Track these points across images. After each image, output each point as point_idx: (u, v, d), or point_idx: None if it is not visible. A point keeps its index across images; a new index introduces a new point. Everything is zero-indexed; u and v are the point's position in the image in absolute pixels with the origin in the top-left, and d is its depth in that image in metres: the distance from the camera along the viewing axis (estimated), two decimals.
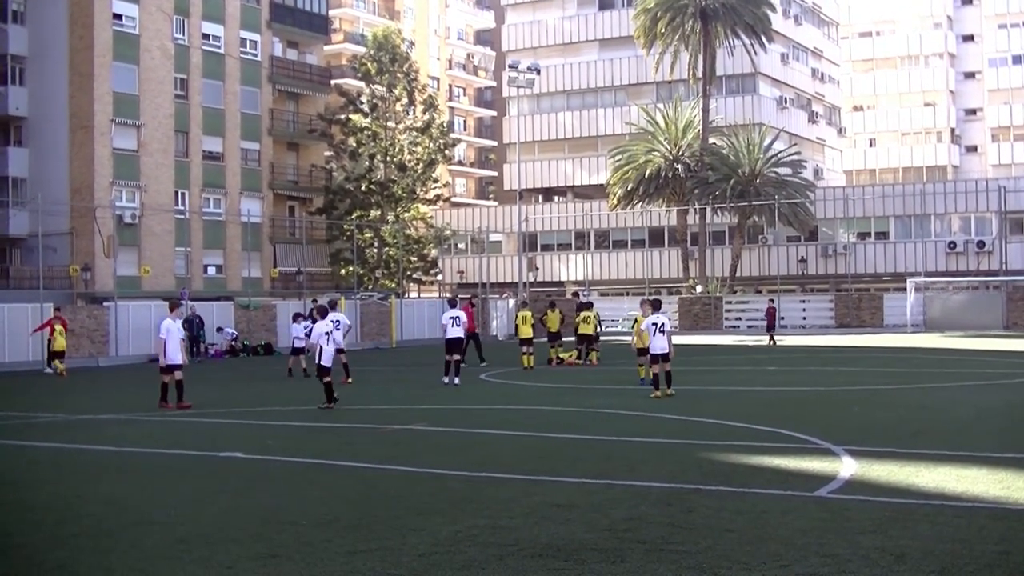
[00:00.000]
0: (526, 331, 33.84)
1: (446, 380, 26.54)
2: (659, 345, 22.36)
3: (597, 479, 12.68)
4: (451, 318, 27.29)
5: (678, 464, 13.97)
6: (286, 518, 10.79)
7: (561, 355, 35.63)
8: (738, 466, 13.78)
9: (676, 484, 12.18)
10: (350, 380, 27.80)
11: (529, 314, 34.61)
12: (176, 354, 22.46)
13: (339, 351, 27.05)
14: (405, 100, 69.99)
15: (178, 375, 22.39)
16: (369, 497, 12.02)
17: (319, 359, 21.95)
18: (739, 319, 63.31)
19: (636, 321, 25.53)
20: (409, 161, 69.32)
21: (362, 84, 71.29)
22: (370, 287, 66.45)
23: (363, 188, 67.91)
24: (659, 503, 11.14)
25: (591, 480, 12.63)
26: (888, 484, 12.04)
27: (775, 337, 46.98)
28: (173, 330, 22.48)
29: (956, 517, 10.29)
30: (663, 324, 22.65)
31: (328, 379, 21.69)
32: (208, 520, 10.92)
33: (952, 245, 68.75)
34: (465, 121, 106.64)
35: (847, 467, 13.23)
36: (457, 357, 26.98)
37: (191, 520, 10.94)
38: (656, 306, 23.48)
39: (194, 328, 43.61)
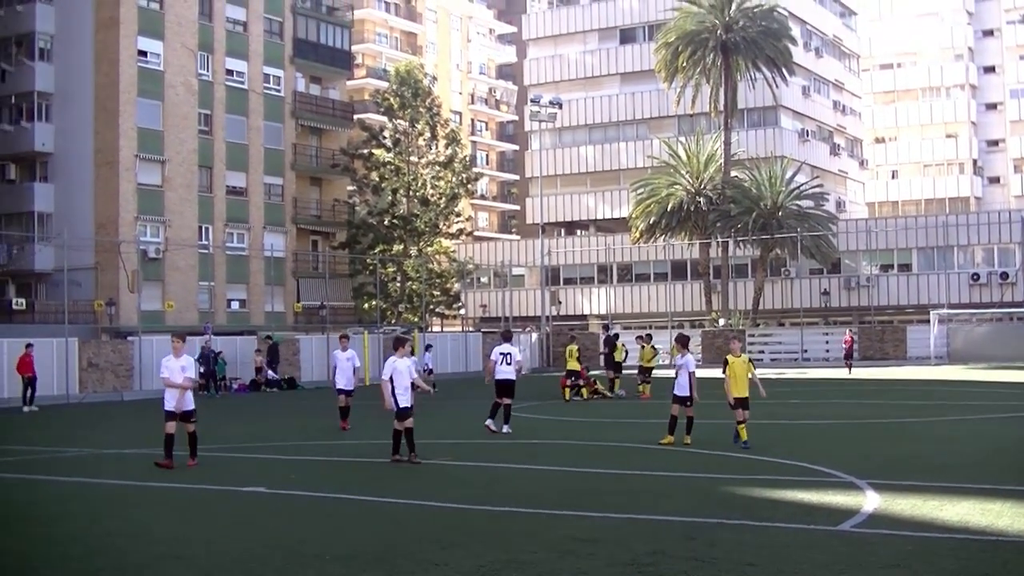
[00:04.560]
0: (572, 364, 34.24)
1: (506, 429, 22.89)
2: (683, 385, 20.46)
3: (619, 513, 12.70)
4: (502, 354, 23.19)
5: (700, 498, 13.98)
6: (310, 552, 10.85)
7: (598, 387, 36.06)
8: (760, 500, 13.77)
9: (698, 518, 12.18)
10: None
11: (575, 348, 35.02)
12: (172, 398, 18.34)
13: (348, 393, 24.98)
14: (427, 134, 70.20)
15: (169, 427, 18.34)
16: (392, 531, 12.07)
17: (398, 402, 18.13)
18: (762, 352, 63.10)
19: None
20: (432, 195, 69.50)
21: (384, 119, 71.52)
22: (393, 321, 66.56)
23: (386, 222, 68.05)
24: (681, 537, 11.15)
25: (613, 514, 12.64)
26: (911, 518, 12.02)
27: (852, 366, 49.40)
28: (174, 368, 18.28)
29: (980, 551, 10.27)
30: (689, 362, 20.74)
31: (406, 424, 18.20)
32: (232, 554, 10.98)
33: (975, 277, 68.44)
34: (487, 155, 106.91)
35: (870, 501, 13.21)
36: (508, 401, 23.09)
37: (216, 554, 10.99)
38: (685, 343, 21.55)
39: (210, 363, 43.68)
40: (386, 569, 10.00)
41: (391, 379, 18.10)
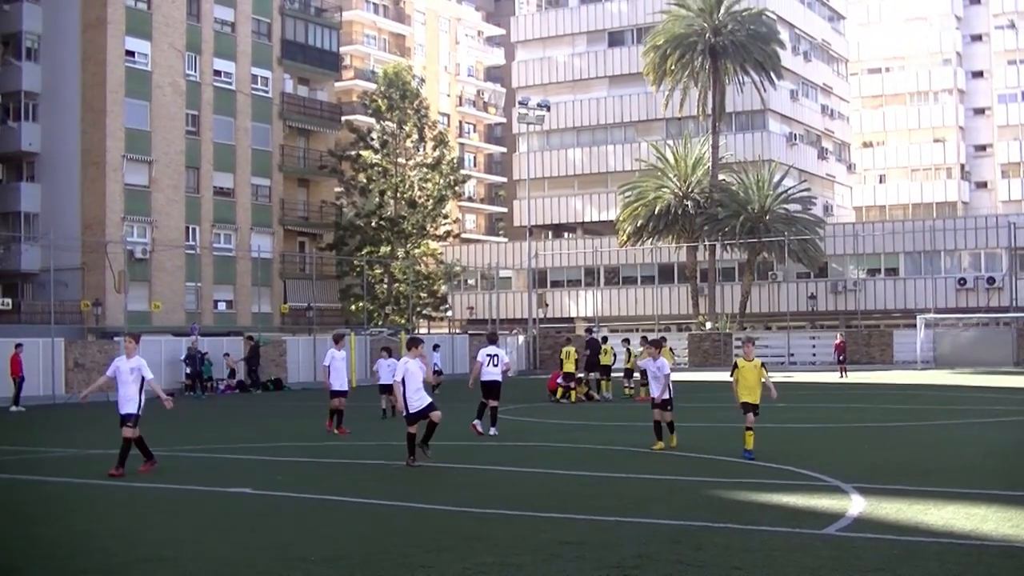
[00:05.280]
0: (569, 366, 34.34)
1: (492, 431, 22.92)
2: (660, 389, 20.04)
3: (606, 516, 12.69)
4: (488, 356, 23.13)
5: (687, 501, 13.98)
6: (295, 554, 10.82)
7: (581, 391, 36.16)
8: (747, 503, 13.78)
9: (685, 521, 12.18)
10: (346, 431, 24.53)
11: (573, 350, 35.05)
12: (126, 401, 17.22)
13: (344, 394, 24.58)
14: (415, 136, 70.17)
15: (126, 431, 17.22)
16: (379, 534, 12.05)
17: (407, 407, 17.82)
18: None
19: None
20: (419, 197, 69.46)
21: (372, 120, 71.49)
22: (380, 323, 66.49)
23: (373, 224, 67.99)
24: (668, 540, 11.14)
25: (600, 517, 12.64)
26: (897, 522, 12.03)
27: (846, 370, 49.66)
28: (123, 369, 17.22)
29: (965, 555, 10.29)
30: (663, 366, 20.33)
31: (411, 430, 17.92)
32: (217, 556, 10.94)
33: (962, 281, 68.66)
34: (475, 157, 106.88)
35: (856, 505, 13.22)
36: (494, 403, 23.08)
37: (200, 556, 10.96)
38: (659, 346, 20.92)
39: (196, 364, 43.80)
40: (372, 572, 9.98)
41: (403, 381, 17.73)
